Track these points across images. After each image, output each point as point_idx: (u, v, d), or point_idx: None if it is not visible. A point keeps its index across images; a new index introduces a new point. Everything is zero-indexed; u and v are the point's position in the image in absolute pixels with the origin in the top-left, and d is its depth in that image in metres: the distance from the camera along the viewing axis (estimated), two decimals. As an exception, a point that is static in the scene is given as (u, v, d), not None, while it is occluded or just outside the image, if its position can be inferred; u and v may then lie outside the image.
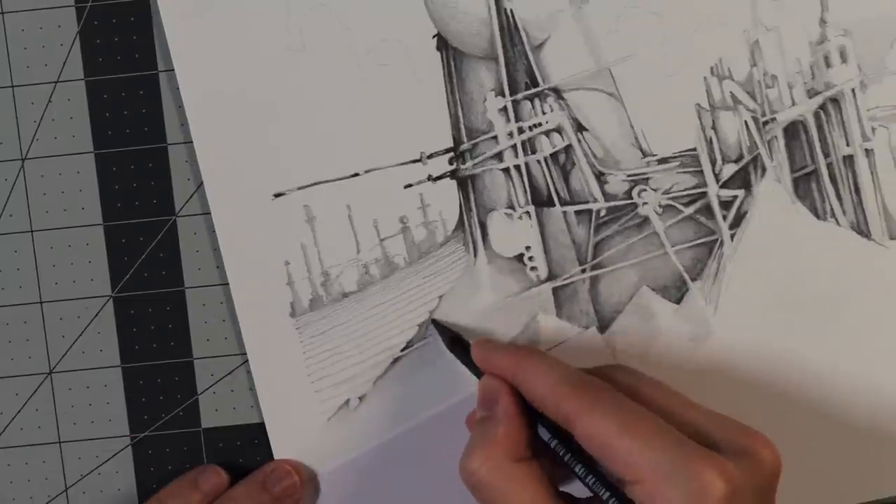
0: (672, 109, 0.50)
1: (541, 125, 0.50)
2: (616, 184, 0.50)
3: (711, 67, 0.50)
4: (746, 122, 0.50)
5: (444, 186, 0.50)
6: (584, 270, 0.50)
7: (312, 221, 0.50)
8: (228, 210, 0.50)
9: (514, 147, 0.50)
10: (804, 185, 0.50)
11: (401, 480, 0.50)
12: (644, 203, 0.50)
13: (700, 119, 0.50)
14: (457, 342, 0.48)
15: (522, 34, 0.50)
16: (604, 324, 0.50)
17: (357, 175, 0.50)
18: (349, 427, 0.50)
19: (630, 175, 0.50)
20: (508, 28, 0.50)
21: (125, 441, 0.52)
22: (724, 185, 0.50)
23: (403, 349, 0.50)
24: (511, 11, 0.50)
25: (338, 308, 0.50)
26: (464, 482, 0.41)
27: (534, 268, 0.50)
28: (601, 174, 0.50)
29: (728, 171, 0.50)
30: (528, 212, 0.50)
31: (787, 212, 0.50)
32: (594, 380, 0.41)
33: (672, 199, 0.50)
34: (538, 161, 0.50)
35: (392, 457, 0.50)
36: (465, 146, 0.50)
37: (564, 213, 0.50)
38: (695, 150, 0.50)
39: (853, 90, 0.50)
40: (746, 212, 0.50)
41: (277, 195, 0.50)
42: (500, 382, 0.43)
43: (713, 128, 0.50)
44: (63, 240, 0.51)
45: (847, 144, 0.50)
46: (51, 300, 0.52)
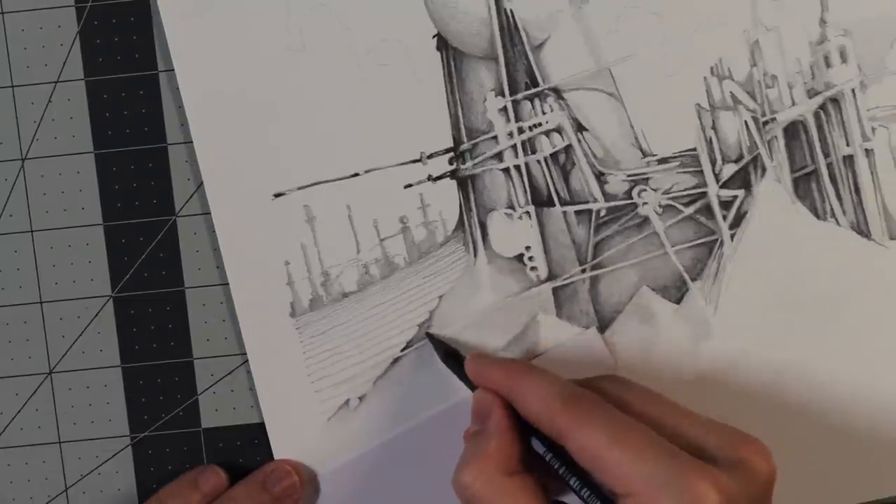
0: (672, 109, 0.50)
1: (541, 125, 0.50)
2: (616, 184, 0.50)
3: (711, 67, 0.50)
4: (746, 122, 0.50)
5: (444, 186, 0.50)
6: (584, 270, 0.50)
7: (312, 221, 0.50)
8: (228, 210, 0.50)
9: (514, 147, 0.50)
10: (804, 185, 0.50)
11: (401, 480, 0.50)
12: (644, 203, 0.50)
13: (700, 119, 0.50)
14: (451, 356, 0.48)
15: (522, 34, 0.50)
16: (604, 324, 0.50)
17: (357, 175, 0.50)
18: (349, 427, 0.50)
19: (630, 175, 0.50)
20: (508, 28, 0.50)
21: (125, 441, 0.52)
22: (724, 185, 0.50)
23: (403, 349, 0.50)
24: (511, 11, 0.50)
25: (338, 308, 0.50)
26: (457, 496, 0.41)
27: (534, 268, 0.50)
28: (601, 174, 0.50)
29: (728, 171, 0.50)
30: (528, 212, 0.50)
31: (787, 212, 0.50)
32: (586, 393, 0.41)
33: (672, 199, 0.50)
34: (538, 161, 0.50)
35: (392, 457, 0.50)
36: (465, 146, 0.50)
37: (564, 213, 0.50)
38: (695, 150, 0.50)
39: (853, 90, 0.50)
40: (746, 212, 0.50)
41: (277, 195, 0.50)
42: (493, 396, 0.43)
43: (713, 128, 0.50)
44: (63, 240, 0.51)
45: (847, 144, 0.50)
46: (51, 300, 0.52)
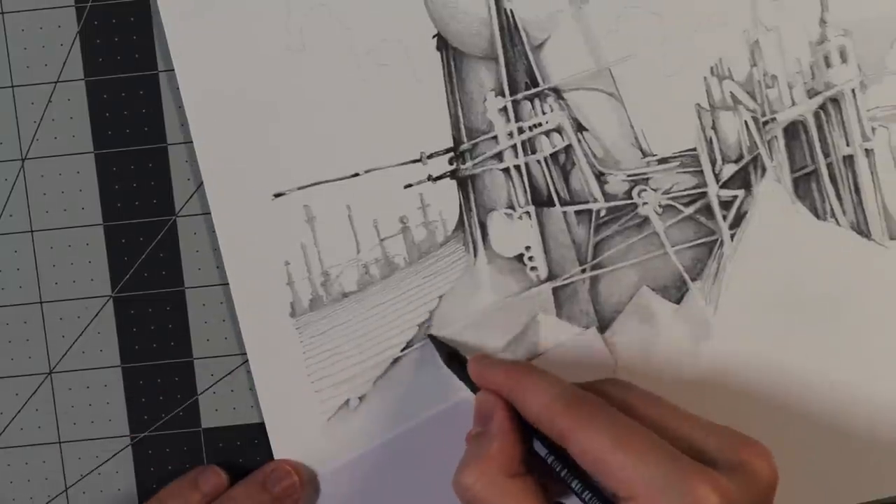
0: (672, 109, 0.50)
1: (541, 125, 0.50)
2: (616, 184, 0.50)
3: (711, 67, 0.50)
4: (746, 122, 0.50)
5: (444, 186, 0.50)
6: (584, 270, 0.50)
7: (312, 221, 0.50)
8: (228, 210, 0.50)
9: (514, 147, 0.50)
10: (804, 185, 0.50)
11: (401, 480, 0.50)
12: (644, 203, 0.50)
13: (700, 119, 0.50)
14: (454, 357, 0.48)
15: (522, 34, 0.50)
16: (604, 324, 0.50)
17: (357, 175, 0.50)
18: (349, 427, 0.50)
19: (630, 175, 0.50)
20: (508, 28, 0.50)
21: (125, 441, 0.52)
22: (724, 185, 0.50)
23: (403, 349, 0.50)
24: (511, 11, 0.50)
25: (338, 308, 0.50)
26: (458, 497, 0.41)
27: (534, 268, 0.50)
28: (601, 174, 0.50)
29: (728, 171, 0.50)
30: (528, 212, 0.50)
31: (787, 212, 0.50)
32: (588, 395, 0.41)
33: (672, 199, 0.50)
34: (538, 161, 0.50)
35: (392, 457, 0.50)
36: (465, 146, 0.50)
37: (564, 213, 0.50)
38: (695, 150, 0.50)
39: (853, 90, 0.50)
40: (746, 212, 0.50)
41: (277, 195, 0.50)
42: (496, 398, 0.43)
43: (713, 128, 0.50)
44: (63, 240, 0.51)
45: (847, 144, 0.50)
46: (51, 300, 0.52)
